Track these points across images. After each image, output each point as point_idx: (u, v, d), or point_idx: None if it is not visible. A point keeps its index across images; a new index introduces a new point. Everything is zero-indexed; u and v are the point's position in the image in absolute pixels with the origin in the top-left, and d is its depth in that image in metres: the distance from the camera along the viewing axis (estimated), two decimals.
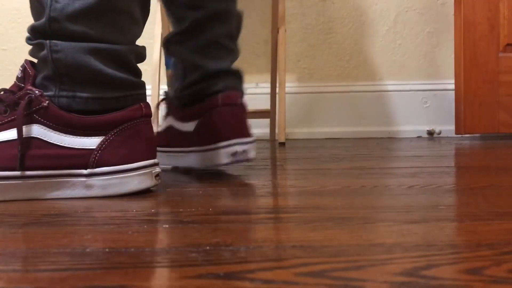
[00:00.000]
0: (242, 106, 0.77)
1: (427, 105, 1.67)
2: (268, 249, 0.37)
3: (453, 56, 1.57)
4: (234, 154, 0.75)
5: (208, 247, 0.37)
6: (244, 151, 0.75)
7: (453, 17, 1.56)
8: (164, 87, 1.57)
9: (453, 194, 0.60)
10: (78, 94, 0.60)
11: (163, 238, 0.42)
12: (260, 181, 0.70)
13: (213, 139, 0.76)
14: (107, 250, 0.37)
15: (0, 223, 0.48)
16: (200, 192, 0.63)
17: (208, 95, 0.77)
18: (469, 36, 1.50)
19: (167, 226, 0.45)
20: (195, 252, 0.36)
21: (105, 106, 0.61)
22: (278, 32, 1.41)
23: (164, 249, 0.38)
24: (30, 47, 0.63)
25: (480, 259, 0.34)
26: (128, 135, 0.61)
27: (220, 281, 0.30)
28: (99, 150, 0.59)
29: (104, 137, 0.60)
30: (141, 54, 0.66)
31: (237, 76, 0.81)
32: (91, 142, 0.59)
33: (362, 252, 0.36)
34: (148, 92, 1.58)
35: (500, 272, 0.31)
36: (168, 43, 0.82)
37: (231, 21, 0.80)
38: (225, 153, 0.75)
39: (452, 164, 0.95)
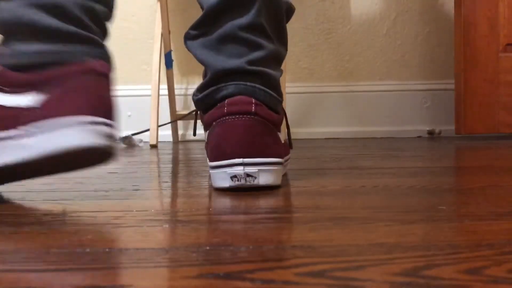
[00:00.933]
0: (255, 115, 0.61)
1: (427, 105, 1.67)
2: (268, 249, 0.37)
3: (453, 56, 1.57)
4: (235, 177, 0.60)
5: (208, 247, 0.37)
6: (249, 176, 0.60)
7: (453, 17, 1.56)
8: (164, 87, 1.57)
9: (453, 194, 0.60)
10: (18, 48, 0.57)
11: (163, 238, 0.42)
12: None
13: (215, 156, 0.62)
14: (107, 250, 0.37)
15: (0, 223, 0.48)
16: (200, 192, 0.63)
17: (217, 101, 0.64)
18: (469, 36, 1.50)
19: (167, 226, 0.45)
20: (195, 252, 0.36)
21: (47, 59, 0.56)
22: None
23: (164, 249, 0.38)
24: None
25: (480, 259, 0.34)
26: (68, 88, 0.55)
27: (220, 281, 0.30)
28: (37, 107, 0.55)
29: (44, 92, 0.55)
30: (92, 10, 0.60)
31: (256, 77, 0.64)
32: (28, 100, 0.55)
33: (362, 252, 0.36)
34: (148, 92, 1.58)
35: (500, 272, 0.31)
36: (185, 37, 0.70)
37: (255, 8, 0.64)
38: (223, 175, 0.61)
39: (452, 164, 0.95)
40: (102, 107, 0.56)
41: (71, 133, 0.54)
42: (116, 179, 0.75)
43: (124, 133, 1.48)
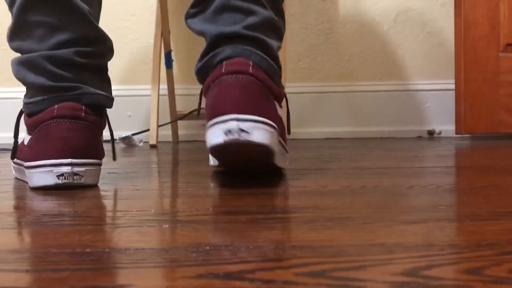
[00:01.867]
0: (252, 76, 0.62)
1: (427, 105, 1.67)
2: (268, 249, 0.37)
3: (453, 56, 1.57)
4: (229, 132, 0.59)
5: (208, 247, 0.37)
6: (243, 130, 0.59)
7: (453, 17, 1.56)
8: (164, 87, 1.57)
9: (453, 194, 0.60)
10: (23, 100, 0.71)
11: (163, 238, 0.42)
12: (260, 181, 0.70)
13: (210, 115, 0.62)
14: (107, 250, 0.37)
15: (0, 223, 0.48)
16: (200, 192, 0.63)
17: (216, 65, 0.65)
18: (469, 36, 1.50)
19: (167, 226, 0.45)
20: (195, 252, 0.36)
21: (31, 110, 0.68)
22: None
23: (164, 249, 0.38)
24: None
25: (480, 259, 0.34)
26: (40, 136, 0.66)
27: (220, 281, 0.30)
28: (26, 147, 0.69)
29: (31, 136, 0.68)
30: (64, 60, 0.68)
31: (253, 43, 0.65)
32: (26, 140, 0.70)
33: (362, 252, 0.36)
34: (148, 92, 1.58)
35: (500, 272, 0.31)
36: (185, 16, 0.73)
37: None
38: (218, 131, 0.59)
39: (452, 164, 0.95)
40: (60, 148, 0.64)
41: (33, 175, 0.65)
42: (116, 179, 0.75)
43: (124, 133, 1.48)
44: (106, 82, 0.73)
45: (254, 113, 0.60)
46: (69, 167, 0.64)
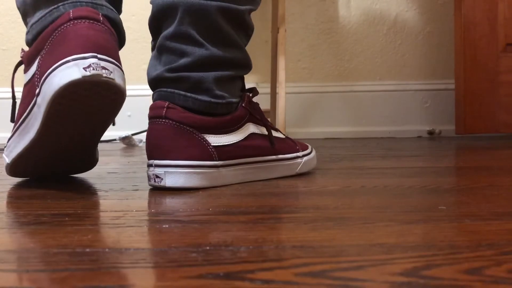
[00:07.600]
0: (166, 119, 0.63)
1: (427, 105, 1.67)
2: (268, 249, 0.37)
3: (453, 56, 1.57)
4: (152, 178, 0.64)
5: (208, 247, 0.37)
6: (158, 177, 0.64)
7: (453, 17, 1.56)
8: None
9: (453, 194, 0.60)
10: (30, 22, 0.64)
11: (163, 238, 0.42)
12: (260, 181, 0.70)
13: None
14: (107, 250, 0.37)
15: (1, 223, 0.48)
16: (200, 192, 0.63)
17: None
18: (469, 36, 1.50)
19: (167, 226, 0.45)
20: (195, 252, 0.36)
21: (43, 24, 0.62)
22: (278, 32, 1.41)
23: (164, 249, 0.38)
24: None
25: (480, 259, 0.34)
26: (56, 41, 0.58)
27: (220, 281, 0.30)
28: (38, 67, 0.60)
29: (40, 54, 0.60)
30: None
31: (176, 82, 0.66)
32: (33, 69, 0.61)
33: (362, 252, 0.36)
34: (148, 92, 1.58)
35: (500, 272, 0.31)
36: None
37: (177, 18, 0.66)
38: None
39: (452, 164, 0.95)
40: (83, 43, 0.57)
41: (54, 76, 0.56)
42: (116, 179, 0.75)
43: (124, 133, 1.48)
44: (119, 2, 0.71)
45: (168, 157, 0.63)
46: (96, 59, 0.56)
